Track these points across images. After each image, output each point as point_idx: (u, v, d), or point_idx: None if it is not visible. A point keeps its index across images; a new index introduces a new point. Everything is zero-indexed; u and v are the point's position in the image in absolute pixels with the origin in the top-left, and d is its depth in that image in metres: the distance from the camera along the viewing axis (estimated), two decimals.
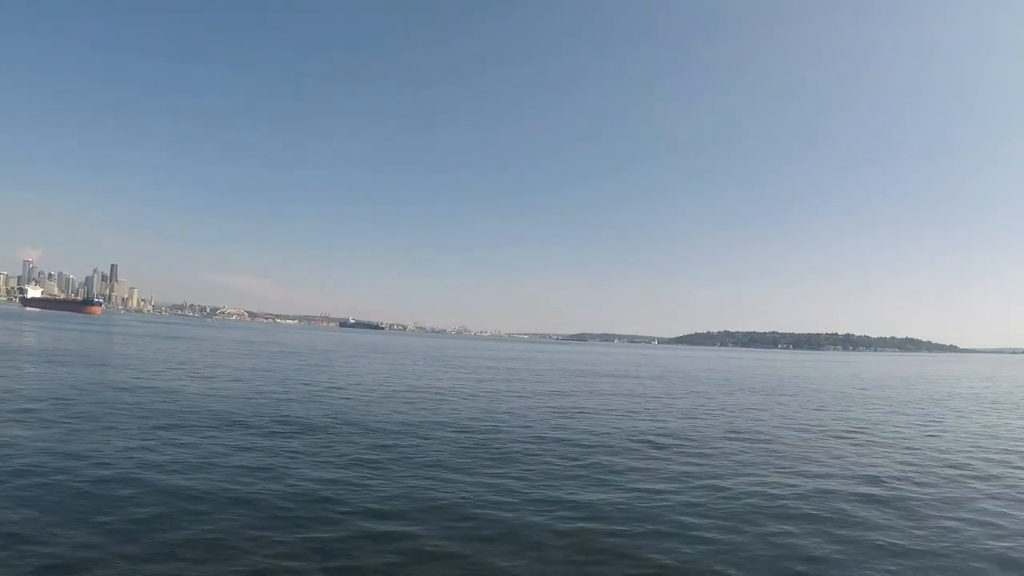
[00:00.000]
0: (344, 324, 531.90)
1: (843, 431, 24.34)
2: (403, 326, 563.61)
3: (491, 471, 15.13)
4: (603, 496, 13.36)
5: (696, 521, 11.86)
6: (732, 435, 22.39)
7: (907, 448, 21.07)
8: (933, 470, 17.33)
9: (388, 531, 10.52)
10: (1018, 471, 17.75)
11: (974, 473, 17.16)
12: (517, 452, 17.48)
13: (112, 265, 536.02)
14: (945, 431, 25.52)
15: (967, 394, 44.31)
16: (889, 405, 34.24)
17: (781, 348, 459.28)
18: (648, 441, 20.31)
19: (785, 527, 11.69)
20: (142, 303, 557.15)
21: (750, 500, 13.47)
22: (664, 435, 21.72)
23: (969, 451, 20.81)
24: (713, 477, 15.61)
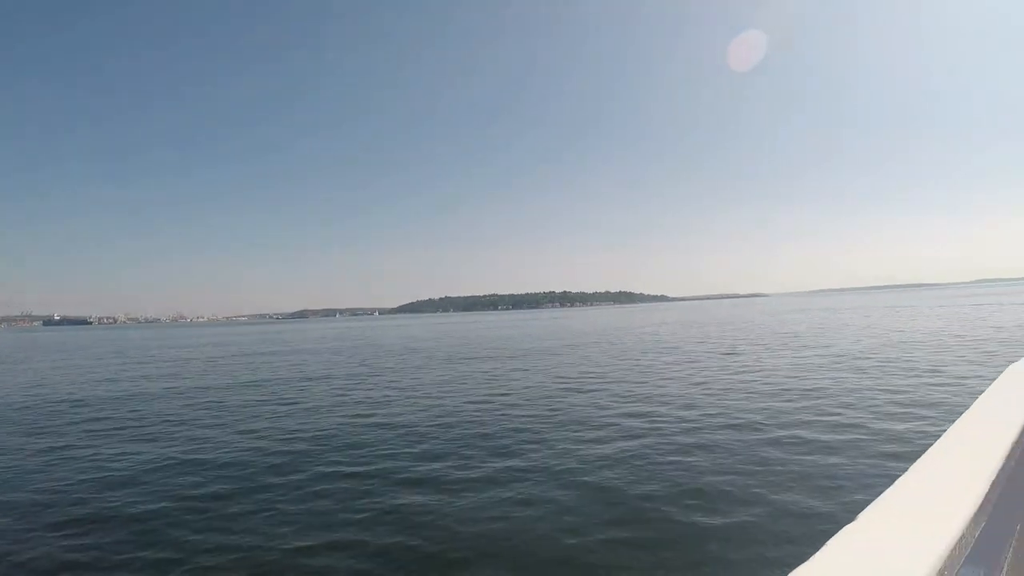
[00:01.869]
0: (49, 322, 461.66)
1: (466, 405, 16.02)
2: (113, 318, 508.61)
3: None
4: None
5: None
6: (339, 429, 13.30)
7: (488, 415, 14.54)
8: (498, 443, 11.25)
9: None
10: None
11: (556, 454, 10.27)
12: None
13: None
14: (591, 388, 18.25)
15: (651, 341, 40.21)
16: (559, 361, 28.10)
17: (501, 310, 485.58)
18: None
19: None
20: None
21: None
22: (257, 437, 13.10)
23: (589, 418, 13.69)
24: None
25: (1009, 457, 0.75)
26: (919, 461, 0.68)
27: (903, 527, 0.50)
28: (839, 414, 12.30)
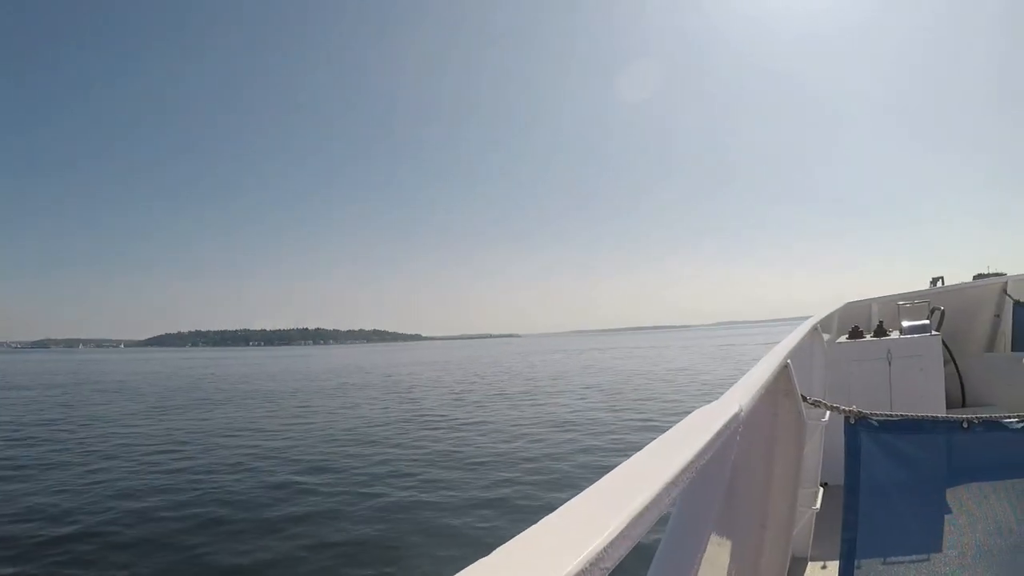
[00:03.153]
0: None
1: (131, 472, 13.62)
2: None
3: None
4: None
5: None
6: None
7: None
8: None
9: None
10: None
11: None
12: None
13: None
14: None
15: (386, 385, 38.47)
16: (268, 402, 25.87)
17: (253, 346, 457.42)
18: None
19: None
20: None
21: None
22: None
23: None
24: None
25: (670, 487, 0.76)
26: (574, 497, 0.70)
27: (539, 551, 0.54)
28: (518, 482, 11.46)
